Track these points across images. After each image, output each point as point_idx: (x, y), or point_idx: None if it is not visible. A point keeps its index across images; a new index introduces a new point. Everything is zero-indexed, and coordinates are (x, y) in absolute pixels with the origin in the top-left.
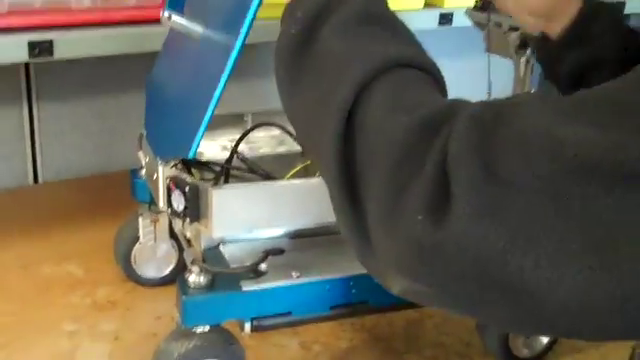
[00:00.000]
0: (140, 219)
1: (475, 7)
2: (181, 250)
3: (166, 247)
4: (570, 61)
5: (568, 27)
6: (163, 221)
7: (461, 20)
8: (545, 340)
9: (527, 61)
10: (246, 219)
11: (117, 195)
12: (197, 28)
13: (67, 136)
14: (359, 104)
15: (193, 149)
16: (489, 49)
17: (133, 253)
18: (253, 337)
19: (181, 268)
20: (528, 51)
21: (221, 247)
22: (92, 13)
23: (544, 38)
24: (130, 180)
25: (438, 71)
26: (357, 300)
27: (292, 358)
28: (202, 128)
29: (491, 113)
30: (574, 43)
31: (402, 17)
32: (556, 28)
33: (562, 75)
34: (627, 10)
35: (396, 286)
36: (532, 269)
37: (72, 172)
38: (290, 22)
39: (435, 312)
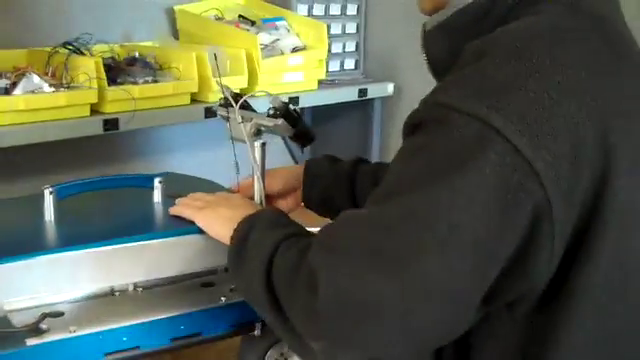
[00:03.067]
0: None
1: (219, 104)
2: None
3: None
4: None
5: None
6: None
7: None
8: None
9: (262, 145)
10: (28, 289)
11: None
12: None
13: None
14: (272, 264)
15: None
16: (231, 136)
17: None
18: None
19: None
20: (262, 137)
21: (8, 314)
22: None
23: None
24: None
25: (306, 232)
26: (129, 346)
27: None
28: None
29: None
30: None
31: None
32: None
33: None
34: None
35: (317, 356)
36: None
37: None
38: (233, 237)
39: (210, 356)
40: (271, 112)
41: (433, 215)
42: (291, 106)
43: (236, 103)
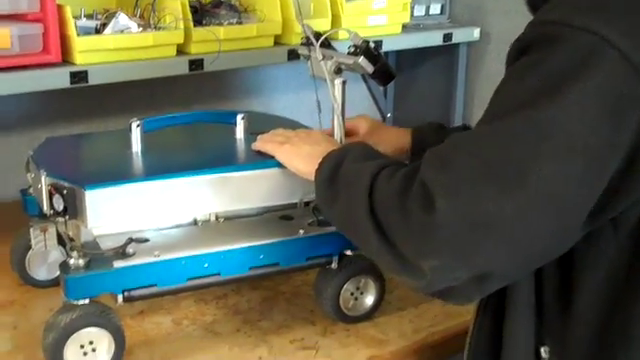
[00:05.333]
0: (31, 230)
1: (301, 43)
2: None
3: (56, 253)
4: None
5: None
6: (51, 230)
7: None
8: (371, 300)
9: (342, 83)
10: (115, 215)
11: (11, 218)
12: None
13: None
14: (373, 190)
15: None
16: (312, 74)
17: (27, 259)
18: (134, 318)
19: None
20: (342, 76)
21: (97, 239)
22: None
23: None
24: (21, 199)
25: (400, 162)
26: (210, 272)
27: (167, 332)
28: None
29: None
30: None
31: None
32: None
33: None
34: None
35: (426, 274)
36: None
37: None
38: (322, 169)
39: (286, 289)
40: (352, 50)
41: (549, 127)
42: (371, 44)
43: (317, 41)
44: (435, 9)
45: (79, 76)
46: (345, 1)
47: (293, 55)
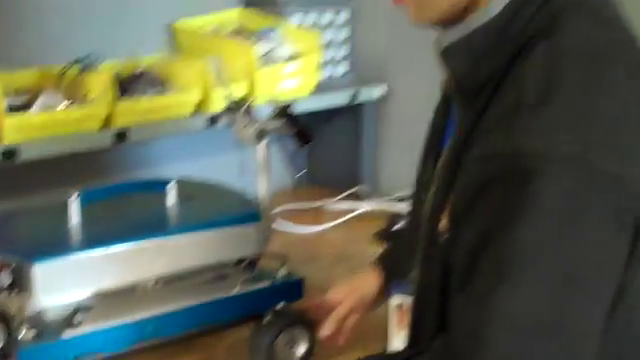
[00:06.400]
0: None
1: (224, 110)
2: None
3: None
4: None
5: None
6: None
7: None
8: (304, 350)
9: (266, 146)
10: (62, 286)
11: None
12: None
13: None
14: None
15: None
16: (237, 138)
17: None
18: None
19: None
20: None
21: (45, 310)
22: None
23: None
24: None
25: None
26: (152, 335)
27: None
28: None
29: None
30: None
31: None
32: None
33: None
34: None
35: None
36: None
37: None
38: None
39: (224, 345)
40: (273, 115)
41: (566, 279)
42: (290, 108)
43: (241, 109)
44: (341, 70)
45: (9, 154)
46: (259, 67)
47: (213, 121)
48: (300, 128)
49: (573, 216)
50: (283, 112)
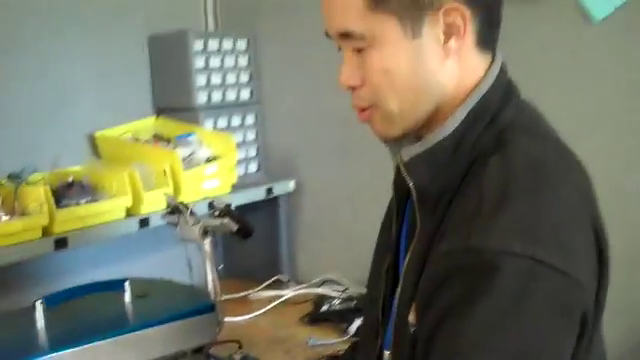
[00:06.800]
0: None
1: (166, 213)
2: None
3: None
4: None
5: None
6: None
7: (156, 221)
8: None
9: (210, 242)
10: None
11: None
12: None
13: None
14: None
15: None
16: (182, 238)
17: None
18: None
19: None
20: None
21: None
22: None
23: None
24: None
25: None
26: None
27: None
28: None
29: None
30: None
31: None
32: None
33: None
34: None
35: None
36: None
37: None
38: None
39: None
40: (216, 213)
41: (519, 357)
42: (231, 207)
43: (180, 211)
44: (253, 168)
45: None
46: (182, 170)
47: (144, 223)
48: (242, 224)
49: (523, 304)
50: (226, 210)
